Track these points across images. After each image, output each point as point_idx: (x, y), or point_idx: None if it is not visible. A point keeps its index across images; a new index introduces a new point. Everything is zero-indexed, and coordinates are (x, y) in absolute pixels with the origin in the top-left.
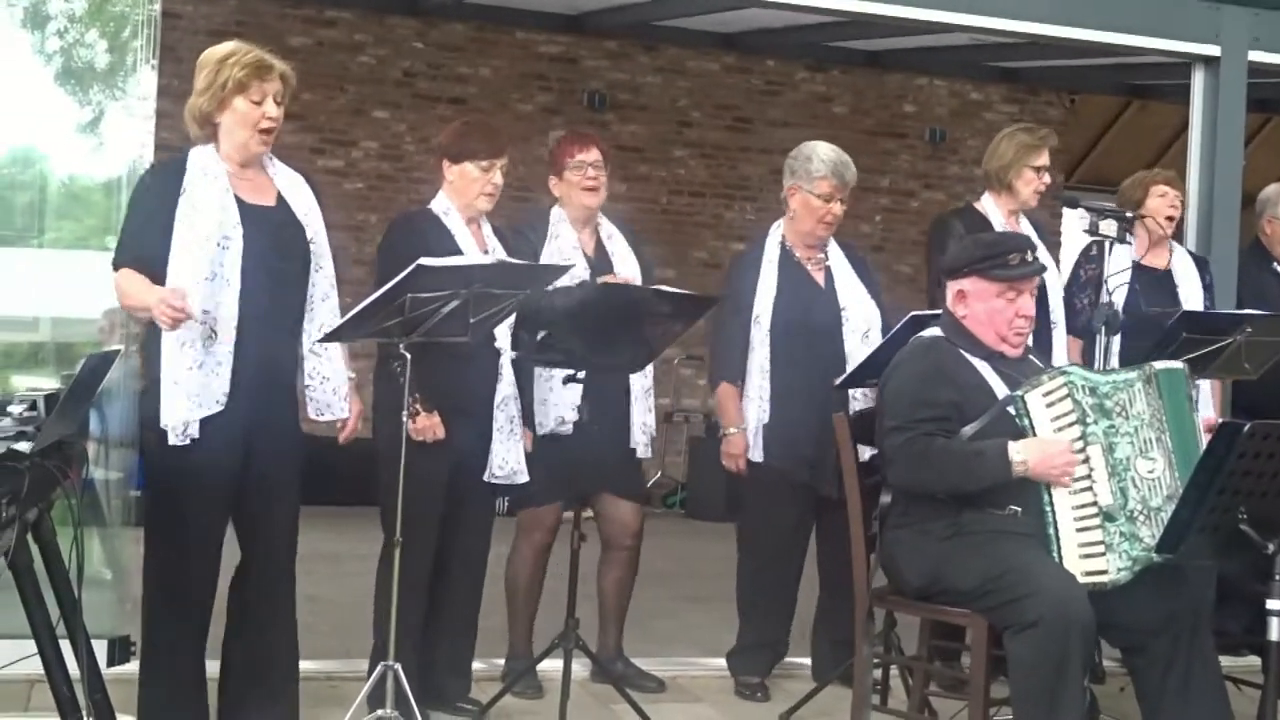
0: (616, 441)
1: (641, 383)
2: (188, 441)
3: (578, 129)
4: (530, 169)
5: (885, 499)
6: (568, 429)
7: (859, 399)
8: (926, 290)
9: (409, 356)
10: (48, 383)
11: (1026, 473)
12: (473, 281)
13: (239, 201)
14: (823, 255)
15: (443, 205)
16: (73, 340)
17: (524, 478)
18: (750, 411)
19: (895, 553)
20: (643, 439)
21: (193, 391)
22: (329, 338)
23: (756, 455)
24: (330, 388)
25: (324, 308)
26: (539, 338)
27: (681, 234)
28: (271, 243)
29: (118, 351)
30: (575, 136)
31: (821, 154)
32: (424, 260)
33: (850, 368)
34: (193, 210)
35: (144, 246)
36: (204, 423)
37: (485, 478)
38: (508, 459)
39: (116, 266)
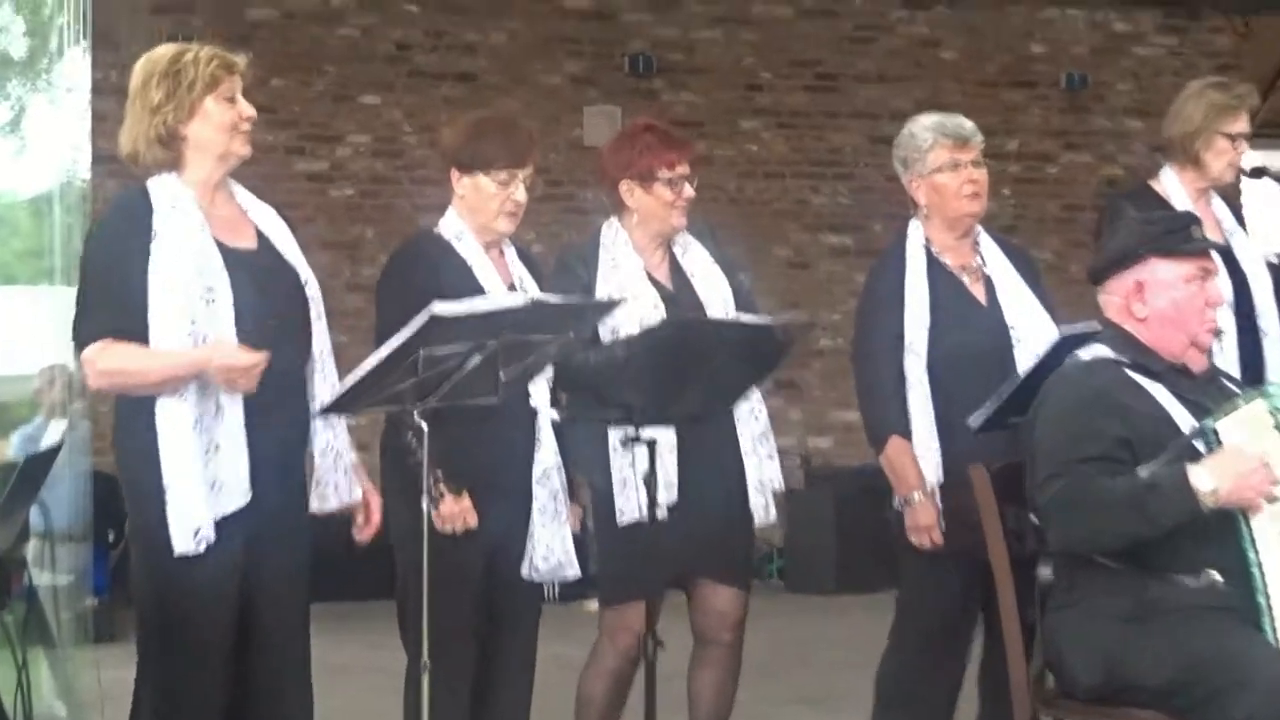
0: (724, 512)
1: (752, 426)
2: (202, 548)
3: (656, 123)
4: (563, 156)
5: (1044, 572)
6: (662, 514)
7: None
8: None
9: (425, 428)
10: None
11: (1218, 503)
12: (501, 329)
13: (217, 244)
14: (978, 260)
15: (454, 228)
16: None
17: (572, 571)
18: (925, 470)
19: (1060, 641)
20: (760, 500)
21: (208, 485)
22: (329, 409)
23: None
24: (343, 466)
25: (331, 366)
26: (590, 396)
27: (757, 227)
28: (262, 294)
29: (59, 447)
30: (669, 140)
31: (920, 123)
32: (437, 307)
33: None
34: (169, 259)
35: (123, 312)
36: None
37: (525, 573)
38: (553, 548)
39: (87, 339)
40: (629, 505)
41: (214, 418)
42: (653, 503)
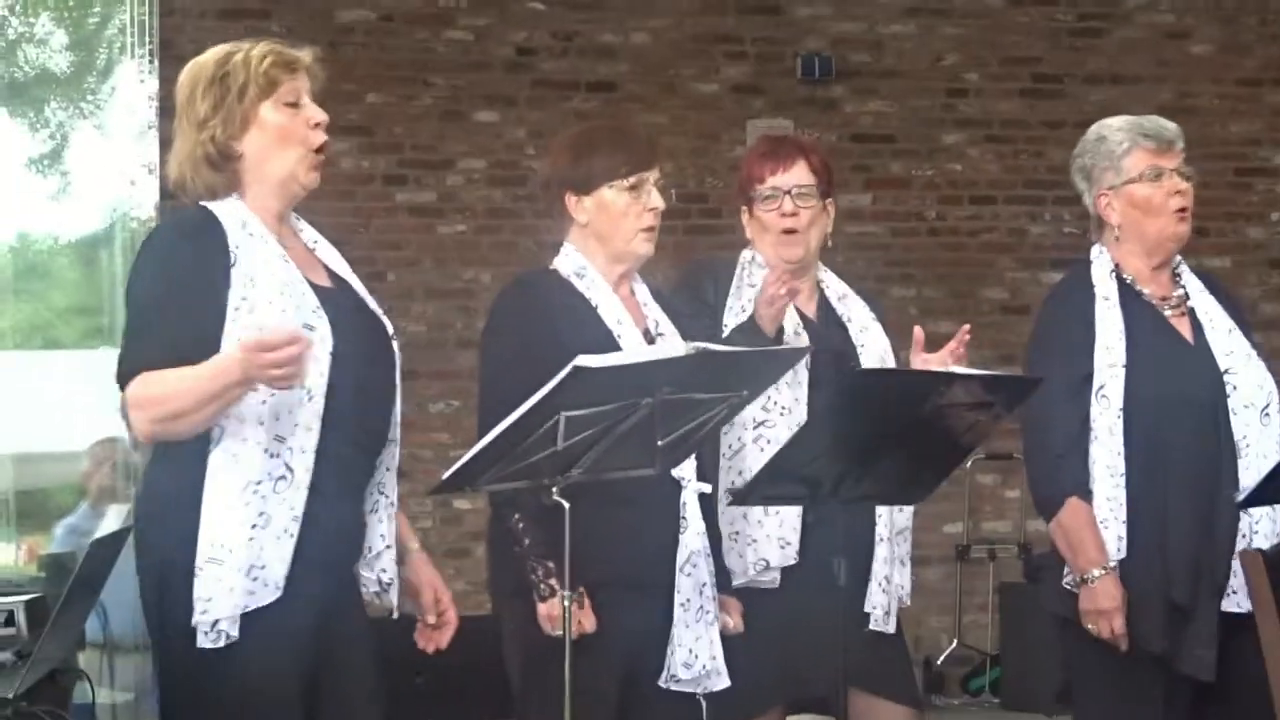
0: (845, 606)
1: (892, 516)
2: (222, 643)
3: (774, 130)
4: (722, 181)
5: None
6: (770, 579)
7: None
8: None
9: (566, 506)
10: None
11: None
12: (660, 385)
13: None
14: (1181, 291)
15: (574, 264)
16: (40, 486)
17: (721, 681)
18: (1106, 541)
19: None
20: (882, 601)
21: (255, 562)
22: (448, 484)
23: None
24: (393, 556)
25: (400, 437)
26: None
27: (963, 263)
28: (357, 340)
29: (128, 531)
30: (770, 144)
31: (1113, 125)
32: (582, 360)
33: (1247, 471)
34: (251, 286)
35: (181, 344)
36: (248, 618)
37: (662, 682)
38: (698, 651)
39: (130, 374)
40: (739, 564)
41: (278, 481)
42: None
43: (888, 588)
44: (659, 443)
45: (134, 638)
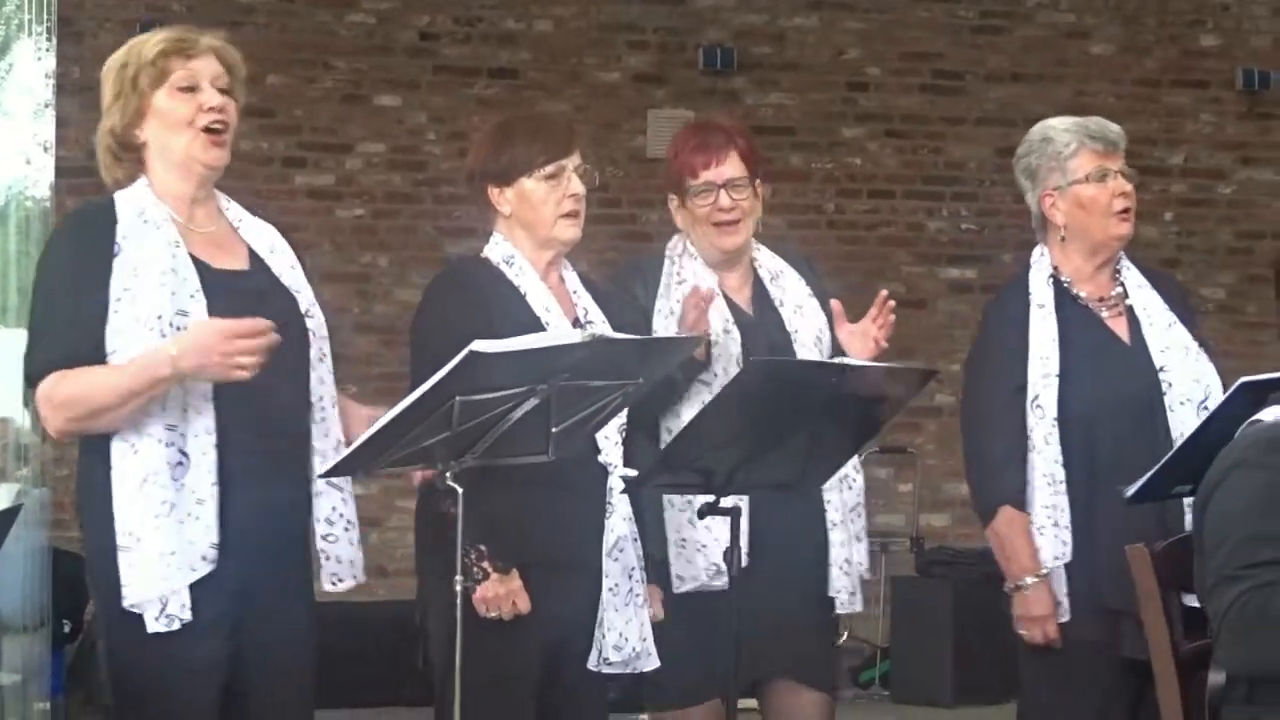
0: (803, 595)
1: (842, 496)
2: (177, 625)
3: (706, 120)
4: (622, 171)
5: (1216, 678)
6: (722, 582)
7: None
8: None
9: (460, 491)
10: None
11: None
12: (556, 372)
13: (196, 263)
14: (1119, 289)
15: (502, 252)
16: None
17: (650, 662)
18: (1041, 548)
19: None
20: (846, 584)
21: (165, 549)
22: (337, 470)
23: (1059, 614)
24: (355, 538)
25: (335, 415)
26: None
27: (860, 256)
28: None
29: (16, 510)
30: (700, 135)
31: (1056, 125)
32: (478, 344)
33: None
34: (134, 276)
35: (80, 339)
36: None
37: (593, 665)
38: (627, 634)
39: (39, 373)
40: (689, 570)
41: (175, 468)
42: (733, 582)
43: (849, 569)
44: (554, 429)
45: (22, 619)
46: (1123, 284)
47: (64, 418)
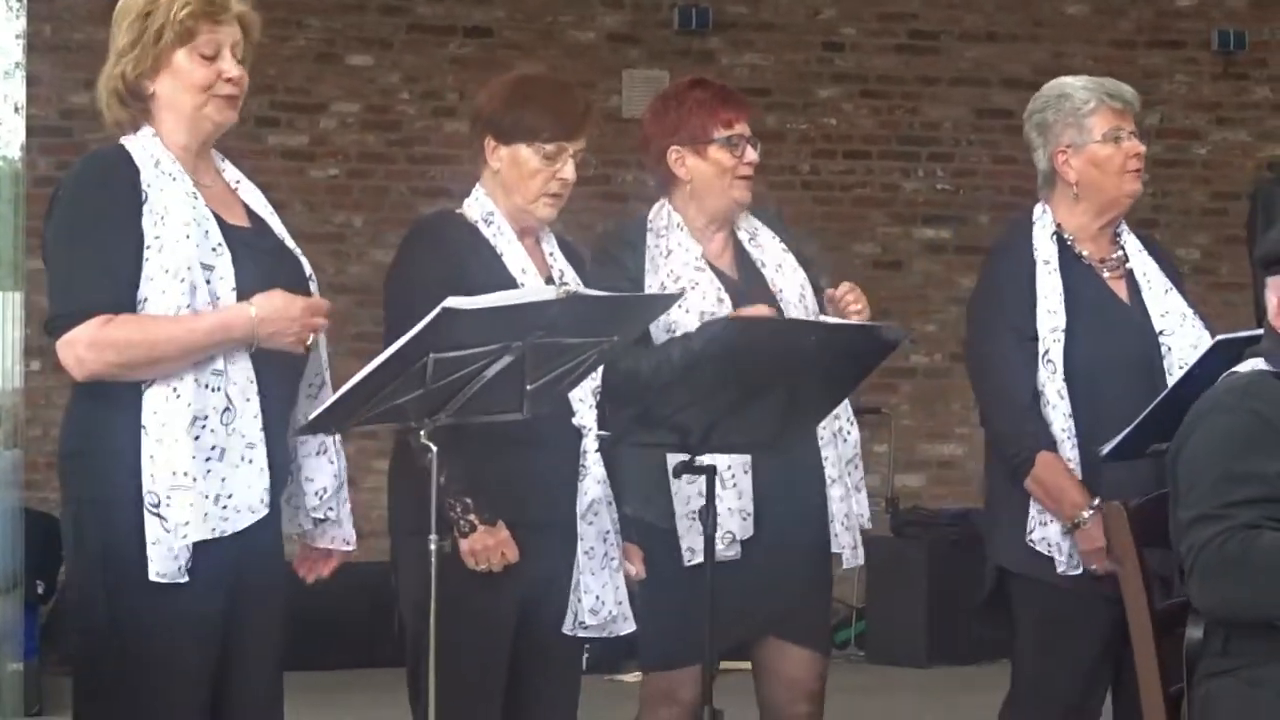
0: (805, 553)
1: (838, 450)
2: (185, 578)
3: (718, 83)
4: (597, 130)
5: (1194, 633)
6: (734, 553)
7: None
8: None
9: (434, 449)
10: None
11: None
12: (530, 329)
13: (215, 217)
14: (1120, 252)
15: (483, 208)
16: None
17: (627, 626)
18: None
19: (1214, 716)
20: (849, 539)
21: (220, 491)
22: (313, 426)
23: (1071, 567)
24: (344, 496)
25: (328, 379)
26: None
27: (836, 217)
28: (268, 278)
29: None
30: (724, 95)
31: (1076, 84)
32: (451, 301)
33: None
34: (161, 224)
35: (119, 285)
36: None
37: (568, 629)
38: (604, 597)
39: (77, 316)
40: (701, 543)
41: (224, 413)
42: (710, 543)
43: (849, 523)
44: (528, 387)
45: None
46: (1123, 247)
47: (108, 361)
